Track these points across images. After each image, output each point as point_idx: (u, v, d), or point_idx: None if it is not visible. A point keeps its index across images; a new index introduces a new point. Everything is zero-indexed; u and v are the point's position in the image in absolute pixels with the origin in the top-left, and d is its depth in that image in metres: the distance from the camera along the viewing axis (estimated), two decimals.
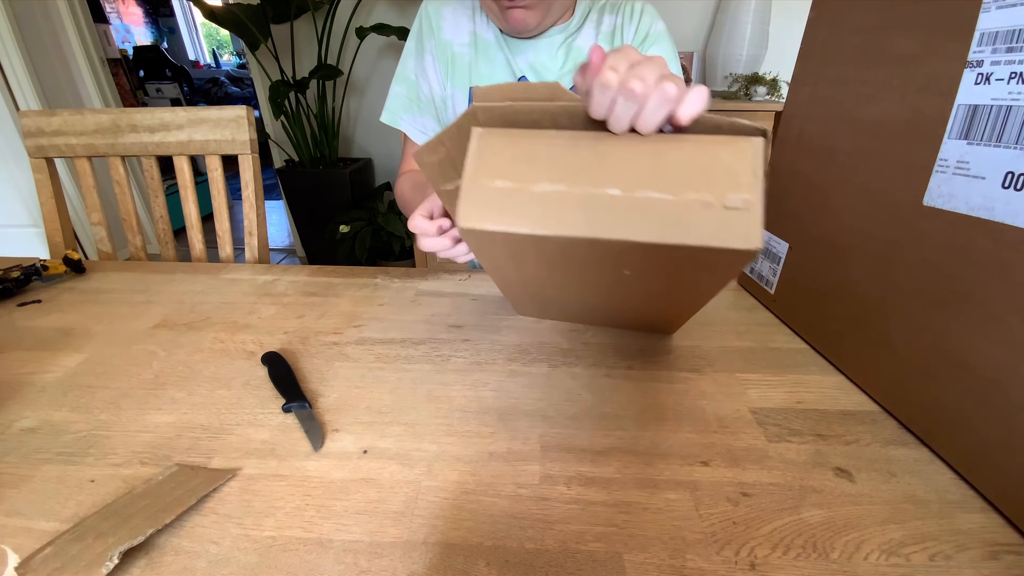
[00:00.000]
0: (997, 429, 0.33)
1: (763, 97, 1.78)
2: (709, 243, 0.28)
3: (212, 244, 0.79)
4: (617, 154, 0.29)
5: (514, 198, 0.31)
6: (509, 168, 0.31)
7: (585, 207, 0.30)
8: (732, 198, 0.28)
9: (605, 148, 0.29)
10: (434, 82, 0.70)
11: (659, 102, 0.28)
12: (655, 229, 0.28)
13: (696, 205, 0.28)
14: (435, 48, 0.68)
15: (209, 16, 1.88)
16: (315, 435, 0.39)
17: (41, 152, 0.82)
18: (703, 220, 0.28)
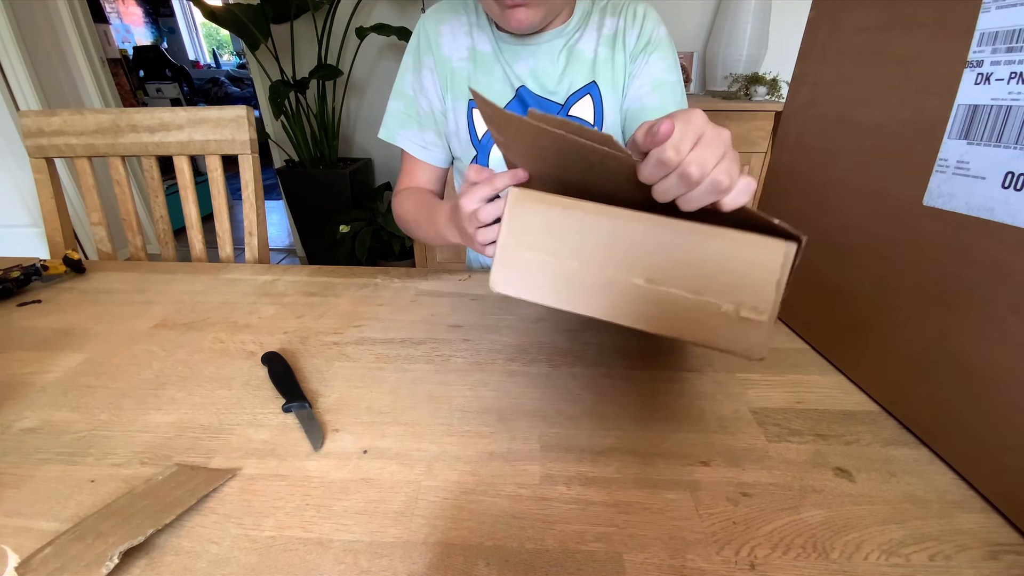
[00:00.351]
0: (997, 429, 0.33)
1: (763, 97, 1.78)
2: (716, 344, 0.29)
3: (212, 244, 0.79)
4: (648, 242, 0.29)
5: (543, 270, 0.32)
6: (541, 239, 0.32)
7: (608, 291, 0.31)
8: (748, 310, 0.28)
9: (637, 231, 0.29)
10: (433, 97, 0.70)
11: (709, 191, 0.28)
12: (668, 323, 0.29)
13: (713, 308, 0.29)
14: (434, 63, 0.68)
15: (209, 16, 1.88)
16: (315, 435, 0.39)
17: (41, 152, 0.82)
18: (716, 323, 0.29)
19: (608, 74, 0.66)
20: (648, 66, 0.65)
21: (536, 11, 0.58)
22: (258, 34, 1.92)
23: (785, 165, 0.56)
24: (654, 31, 0.65)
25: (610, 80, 0.66)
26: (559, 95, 0.67)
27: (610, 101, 0.67)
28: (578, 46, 0.66)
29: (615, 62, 0.66)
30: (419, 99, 0.70)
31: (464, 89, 0.67)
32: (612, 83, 0.66)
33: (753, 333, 0.28)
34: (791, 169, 0.55)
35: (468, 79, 0.67)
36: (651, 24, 0.66)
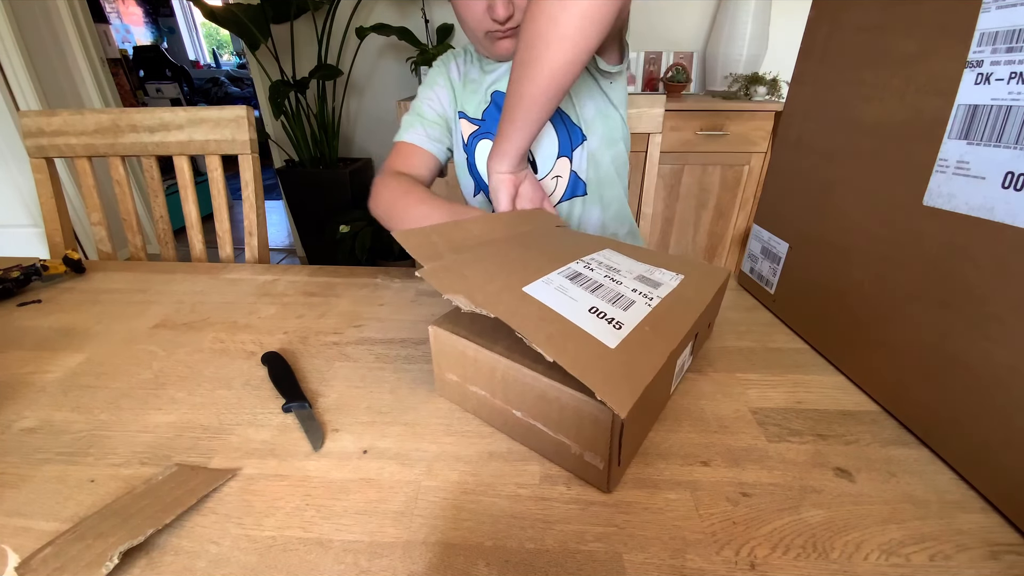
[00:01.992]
0: (997, 429, 0.33)
1: (763, 97, 1.78)
2: (574, 472, 0.36)
3: (212, 244, 0.80)
4: (525, 385, 0.36)
5: (460, 389, 0.41)
6: (457, 366, 0.41)
7: (502, 415, 0.39)
8: (590, 456, 0.34)
9: (516, 377, 0.36)
10: (445, 101, 0.78)
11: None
12: (541, 449, 0.37)
13: (565, 445, 0.35)
14: (446, 81, 0.78)
15: (209, 16, 1.88)
16: (315, 435, 0.39)
17: (41, 152, 0.82)
18: (571, 457, 0.35)
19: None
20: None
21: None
22: (258, 34, 1.92)
23: (785, 165, 0.56)
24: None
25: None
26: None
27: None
28: None
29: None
30: (426, 106, 0.77)
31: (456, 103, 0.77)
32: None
33: (599, 473, 0.34)
34: (791, 169, 0.55)
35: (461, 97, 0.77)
36: None
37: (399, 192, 0.66)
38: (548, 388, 0.34)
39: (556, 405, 0.34)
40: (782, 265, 0.56)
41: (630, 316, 0.36)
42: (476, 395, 0.40)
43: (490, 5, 0.61)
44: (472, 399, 0.41)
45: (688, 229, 1.91)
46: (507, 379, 0.37)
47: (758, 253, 0.61)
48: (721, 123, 1.71)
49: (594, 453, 0.33)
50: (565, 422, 0.34)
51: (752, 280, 0.62)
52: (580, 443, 0.34)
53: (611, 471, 0.33)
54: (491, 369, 0.37)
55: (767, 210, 0.59)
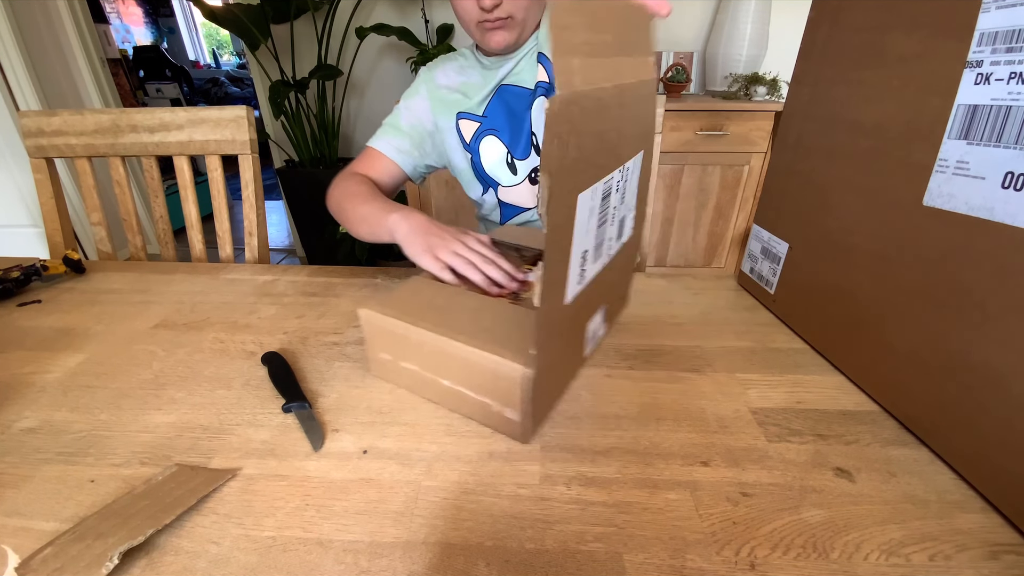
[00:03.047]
0: (997, 429, 0.33)
1: (763, 97, 1.78)
2: (497, 429, 0.40)
3: (212, 244, 0.79)
4: (449, 351, 0.39)
5: (393, 367, 0.45)
6: (388, 345, 0.44)
7: (431, 385, 0.43)
8: (509, 412, 0.38)
9: (443, 348, 0.40)
10: (420, 113, 0.77)
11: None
12: (470, 412, 0.41)
13: (487, 405, 0.39)
14: (427, 91, 0.77)
15: (209, 16, 1.88)
16: (315, 435, 0.39)
17: (41, 152, 0.82)
18: (494, 415, 0.39)
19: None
20: None
21: (512, 33, 0.66)
22: (258, 34, 1.92)
23: (785, 165, 0.56)
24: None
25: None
26: (530, 80, 0.72)
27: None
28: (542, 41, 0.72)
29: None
30: (403, 116, 0.77)
31: (452, 109, 0.76)
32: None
33: (517, 426, 0.38)
34: (791, 169, 0.55)
35: (456, 103, 0.76)
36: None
37: (348, 192, 0.69)
38: (469, 354, 0.38)
39: (477, 369, 0.38)
40: (782, 265, 0.56)
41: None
42: (408, 370, 0.44)
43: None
44: (405, 375, 0.44)
45: (688, 229, 1.91)
46: (434, 351, 0.40)
47: (758, 253, 0.61)
48: (721, 123, 1.71)
49: (511, 408, 0.38)
50: (485, 384, 0.38)
51: (752, 280, 0.62)
52: (499, 401, 0.38)
53: (525, 423, 0.38)
54: (419, 344, 0.41)
55: (767, 210, 0.59)
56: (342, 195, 0.70)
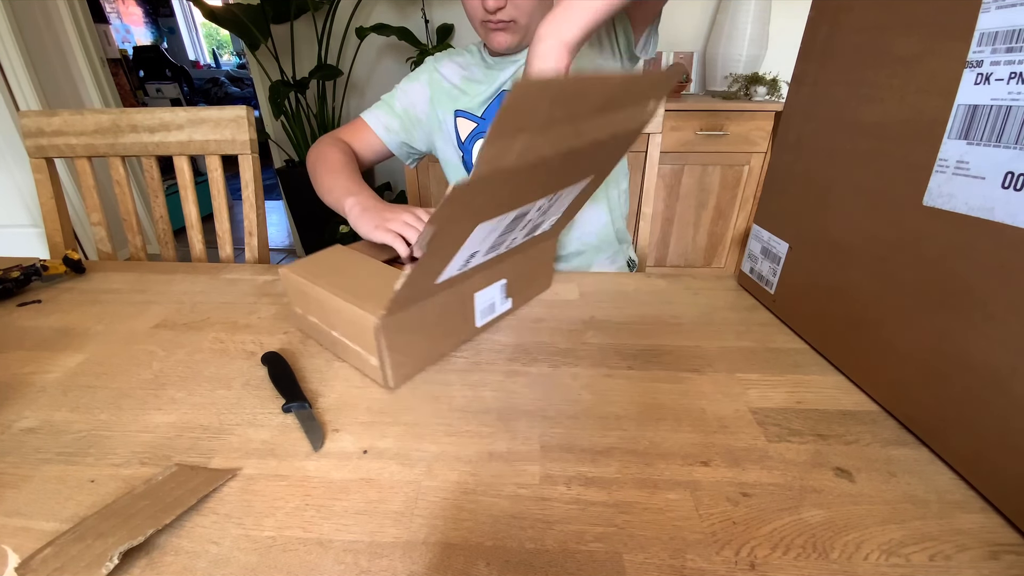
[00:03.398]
0: (997, 429, 0.33)
1: (763, 97, 1.78)
2: (370, 375, 0.46)
3: (212, 244, 0.80)
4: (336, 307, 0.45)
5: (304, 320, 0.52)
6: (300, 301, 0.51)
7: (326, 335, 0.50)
8: (373, 358, 0.44)
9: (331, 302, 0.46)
10: (416, 98, 0.80)
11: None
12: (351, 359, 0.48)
13: (359, 352, 0.45)
14: (428, 79, 0.79)
15: (209, 16, 1.88)
16: (315, 435, 0.39)
17: (41, 152, 0.82)
18: (366, 362, 0.45)
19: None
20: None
21: (514, 35, 0.67)
22: (258, 34, 1.92)
23: (785, 165, 0.56)
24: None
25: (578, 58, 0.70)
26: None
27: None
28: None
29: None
30: (398, 97, 0.79)
31: (452, 103, 0.78)
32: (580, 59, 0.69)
33: (378, 371, 0.44)
34: (791, 169, 0.55)
35: (456, 98, 0.77)
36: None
37: (324, 158, 0.73)
38: (344, 308, 0.44)
39: (350, 321, 0.44)
40: (782, 265, 0.56)
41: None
42: (311, 322, 0.51)
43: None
44: (311, 327, 0.51)
45: (688, 229, 1.91)
46: (326, 306, 0.46)
47: (758, 253, 0.61)
48: (721, 123, 1.71)
49: (373, 355, 0.43)
50: (356, 334, 0.44)
51: (752, 280, 0.62)
52: (365, 348, 0.44)
53: (385, 369, 0.43)
54: (317, 299, 0.47)
55: (767, 210, 0.59)
56: (318, 158, 0.74)
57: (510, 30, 0.66)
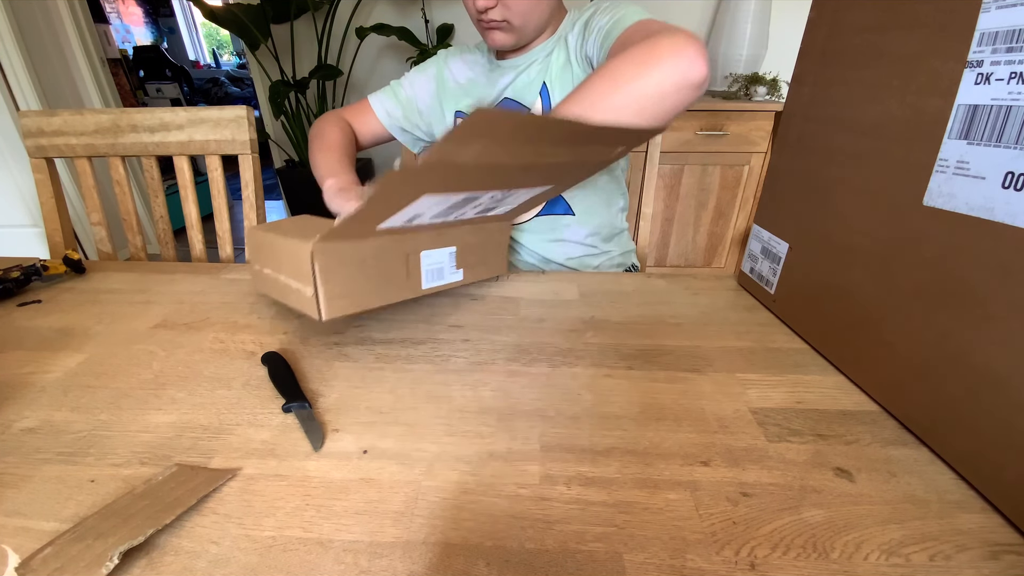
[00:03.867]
0: (997, 429, 0.33)
1: (763, 97, 1.78)
2: (302, 310, 0.46)
3: (212, 244, 0.80)
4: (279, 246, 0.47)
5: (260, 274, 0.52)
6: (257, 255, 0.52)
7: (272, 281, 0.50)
8: (307, 290, 0.45)
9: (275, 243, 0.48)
10: (420, 90, 0.81)
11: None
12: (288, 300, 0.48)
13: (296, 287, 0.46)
14: (436, 72, 0.80)
15: (209, 16, 1.88)
16: (315, 435, 0.39)
17: (41, 152, 0.82)
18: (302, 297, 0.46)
19: (557, 76, 0.69)
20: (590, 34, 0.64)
21: (510, 35, 0.66)
22: (258, 34, 1.92)
23: (785, 165, 0.56)
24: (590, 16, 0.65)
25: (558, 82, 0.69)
26: (529, 100, 0.72)
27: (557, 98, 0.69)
28: (551, 61, 0.70)
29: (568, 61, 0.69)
30: (404, 86, 0.81)
31: (456, 102, 0.78)
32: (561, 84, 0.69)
33: (311, 302, 0.45)
34: (791, 169, 0.55)
35: (461, 98, 0.78)
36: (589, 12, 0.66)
37: (322, 134, 0.76)
38: (285, 244, 0.46)
39: (288, 255, 0.46)
40: (782, 265, 0.56)
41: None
42: (265, 274, 0.51)
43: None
44: (266, 280, 0.51)
45: (688, 229, 1.91)
46: (272, 249, 0.49)
47: (758, 253, 0.61)
48: (721, 123, 1.71)
49: (307, 284, 0.44)
50: (294, 267, 0.45)
51: (752, 280, 0.62)
52: (300, 280, 0.45)
53: (319, 299, 0.44)
54: (269, 246, 0.49)
55: (767, 210, 0.59)
56: (318, 133, 0.76)
57: (504, 29, 0.65)
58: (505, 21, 0.64)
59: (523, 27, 0.66)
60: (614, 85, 0.49)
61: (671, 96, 0.48)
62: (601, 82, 0.49)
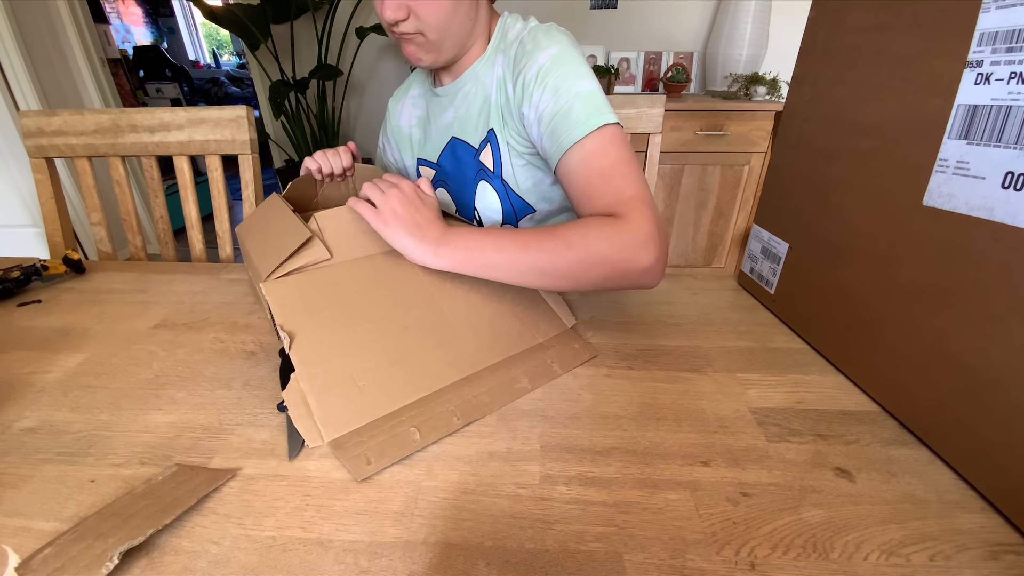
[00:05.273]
0: (997, 429, 0.33)
1: (763, 97, 1.78)
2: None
3: (212, 244, 0.80)
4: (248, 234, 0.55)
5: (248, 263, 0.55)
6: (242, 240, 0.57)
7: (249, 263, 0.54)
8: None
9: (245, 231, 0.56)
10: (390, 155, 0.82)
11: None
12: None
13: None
14: (390, 137, 0.80)
15: (209, 16, 1.88)
16: (294, 442, 0.38)
17: (41, 152, 0.82)
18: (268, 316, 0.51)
19: (500, 120, 0.62)
20: (532, 109, 0.56)
21: (427, 51, 0.59)
22: (258, 34, 1.92)
23: (785, 165, 0.56)
24: (531, 68, 0.55)
25: (503, 127, 0.62)
26: (475, 140, 0.66)
27: (505, 150, 0.63)
28: (485, 88, 0.63)
29: (507, 108, 0.61)
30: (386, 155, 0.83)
31: (413, 151, 0.77)
32: (506, 130, 0.62)
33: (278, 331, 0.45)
34: (791, 169, 0.55)
35: (420, 141, 0.75)
36: (527, 61, 0.56)
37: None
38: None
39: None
40: (782, 265, 0.56)
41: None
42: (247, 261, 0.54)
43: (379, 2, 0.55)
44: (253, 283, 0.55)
45: (688, 229, 1.91)
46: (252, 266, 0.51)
47: (758, 253, 0.61)
48: (721, 123, 1.71)
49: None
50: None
51: (752, 280, 0.62)
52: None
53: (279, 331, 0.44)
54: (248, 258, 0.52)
55: (767, 210, 0.59)
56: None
57: (419, 43, 0.57)
58: (419, 34, 0.56)
59: (440, 42, 0.58)
60: (574, 281, 0.46)
61: (610, 286, 0.47)
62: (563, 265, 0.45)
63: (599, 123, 0.50)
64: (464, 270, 0.48)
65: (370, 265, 0.49)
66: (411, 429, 0.39)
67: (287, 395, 0.38)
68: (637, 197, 0.47)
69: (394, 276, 0.49)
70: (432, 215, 0.50)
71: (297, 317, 0.42)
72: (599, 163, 0.50)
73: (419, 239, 0.47)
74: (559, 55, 0.54)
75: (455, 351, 0.45)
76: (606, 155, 0.50)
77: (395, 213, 0.48)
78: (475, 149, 0.66)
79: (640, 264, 0.44)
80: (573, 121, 0.51)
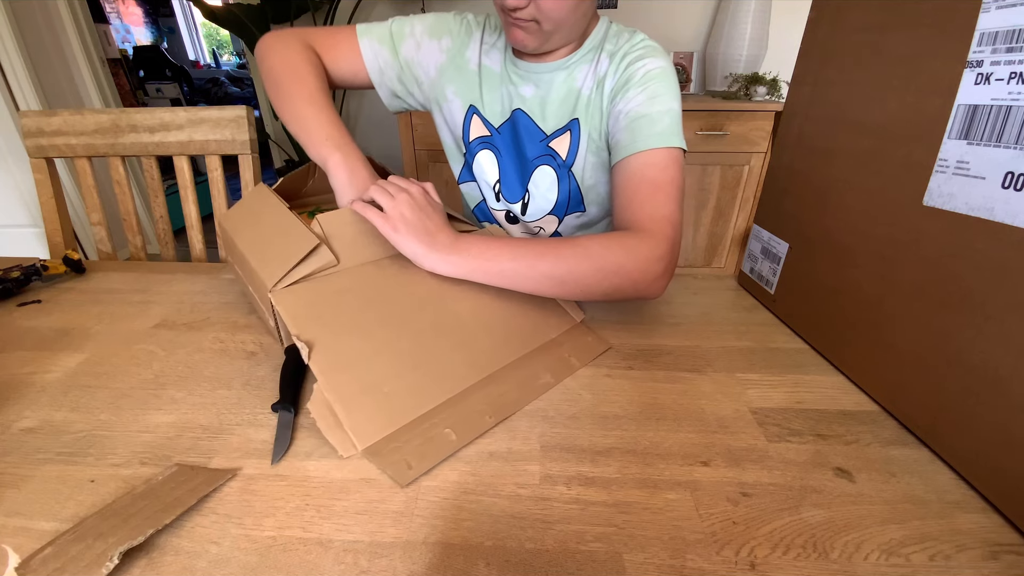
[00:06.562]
0: (997, 429, 0.33)
1: (763, 97, 1.77)
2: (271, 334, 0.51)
3: (212, 244, 0.80)
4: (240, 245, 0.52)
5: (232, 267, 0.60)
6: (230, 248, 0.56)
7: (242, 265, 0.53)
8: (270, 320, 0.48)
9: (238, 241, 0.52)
10: (427, 61, 0.69)
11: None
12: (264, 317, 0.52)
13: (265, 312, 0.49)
14: (449, 47, 0.69)
15: (209, 16, 1.88)
16: (280, 445, 0.38)
17: (41, 152, 0.82)
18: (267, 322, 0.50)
19: (587, 113, 0.63)
20: (624, 102, 0.59)
21: (535, 38, 0.59)
22: (258, 34, 1.92)
23: (785, 165, 0.56)
24: (639, 68, 0.59)
25: (589, 120, 0.63)
26: (548, 125, 0.66)
27: (586, 142, 0.64)
28: (575, 81, 0.64)
29: (599, 104, 0.63)
30: (406, 45, 0.68)
31: (469, 93, 0.69)
32: (591, 123, 0.63)
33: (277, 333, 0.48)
34: (791, 169, 0.55)
35: (476, 86, 0.68)
36: (638, 64, 0.59)
37: (294, 70, 0.61)
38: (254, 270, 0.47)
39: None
40: (782, 265, 0.56)
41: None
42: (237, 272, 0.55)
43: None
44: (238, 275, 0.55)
45: (688, 229, 1.91)
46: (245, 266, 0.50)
47: (758, 253, 0.61)
48: (721, 123, 1.71)
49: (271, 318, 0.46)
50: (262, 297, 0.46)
51: (752, 280, 0.62)
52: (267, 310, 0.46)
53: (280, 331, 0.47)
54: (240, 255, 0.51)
55: (767, 210, 0.59)
56: (289, 69, 0.61)
57: (530, 30, 0.58)
58: (534, 21, 0.57)
59: (552, 33, 0.58)
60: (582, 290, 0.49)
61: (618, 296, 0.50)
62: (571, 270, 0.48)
63: (675, 143, 0.55)
64: (476, 277, 0.48)
65: (377, 270, 0.48)
66: (446, 431, 0.38)
67: (312, 406, 0.38)
68: (669, 218, 0.51)
69: (402, 280, 0.48)
70: (441, 221, 0.50)
71: (311, 326, 0.41)
72: (655, 175, 0.54)
73: (429, 246, 0.47)
74: (667, 70, 0.59)
75: (473, 351, 0.45)
76: (665, 171, 0.54)
77: (404, 218, 0.47)
78: (544, 134, 0.66)
79: (651, 275, 0.48)
80: (657, 130, 0.55)
